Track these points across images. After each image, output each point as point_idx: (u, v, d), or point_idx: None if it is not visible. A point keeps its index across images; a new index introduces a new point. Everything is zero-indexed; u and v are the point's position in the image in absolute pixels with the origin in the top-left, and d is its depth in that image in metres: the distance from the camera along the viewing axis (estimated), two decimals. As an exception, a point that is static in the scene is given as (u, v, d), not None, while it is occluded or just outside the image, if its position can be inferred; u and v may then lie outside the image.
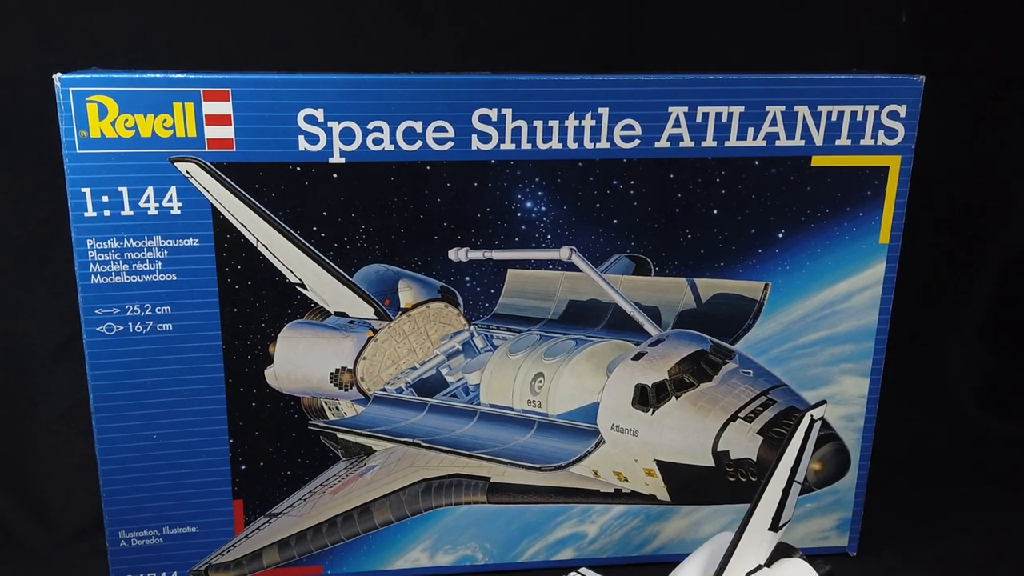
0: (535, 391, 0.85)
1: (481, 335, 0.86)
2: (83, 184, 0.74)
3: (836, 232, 0.83)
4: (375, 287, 0.82)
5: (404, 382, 0.85)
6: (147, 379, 0.79)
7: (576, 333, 0.86)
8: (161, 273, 0.77)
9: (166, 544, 0.84)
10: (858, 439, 0.89)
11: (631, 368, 0.84)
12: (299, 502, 0.85)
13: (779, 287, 0.84)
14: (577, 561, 0.88)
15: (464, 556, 0.88)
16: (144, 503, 0.82)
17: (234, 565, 0.85)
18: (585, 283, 0.84)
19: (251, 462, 0.83)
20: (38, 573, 0.88)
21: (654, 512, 0.89)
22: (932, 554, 0.92)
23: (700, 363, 0.84)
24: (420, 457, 0.87)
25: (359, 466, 0.86)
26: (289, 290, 0.80)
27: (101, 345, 0.78)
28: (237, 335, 0.80)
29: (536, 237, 0.81)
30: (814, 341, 0.86)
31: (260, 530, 0.85)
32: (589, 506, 0.88)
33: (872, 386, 0.87)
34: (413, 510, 0.87)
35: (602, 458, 0.86)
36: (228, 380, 0.81)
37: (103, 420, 0.80)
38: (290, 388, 0.83)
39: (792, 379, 0.86)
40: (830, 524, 0.92)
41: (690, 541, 0.87)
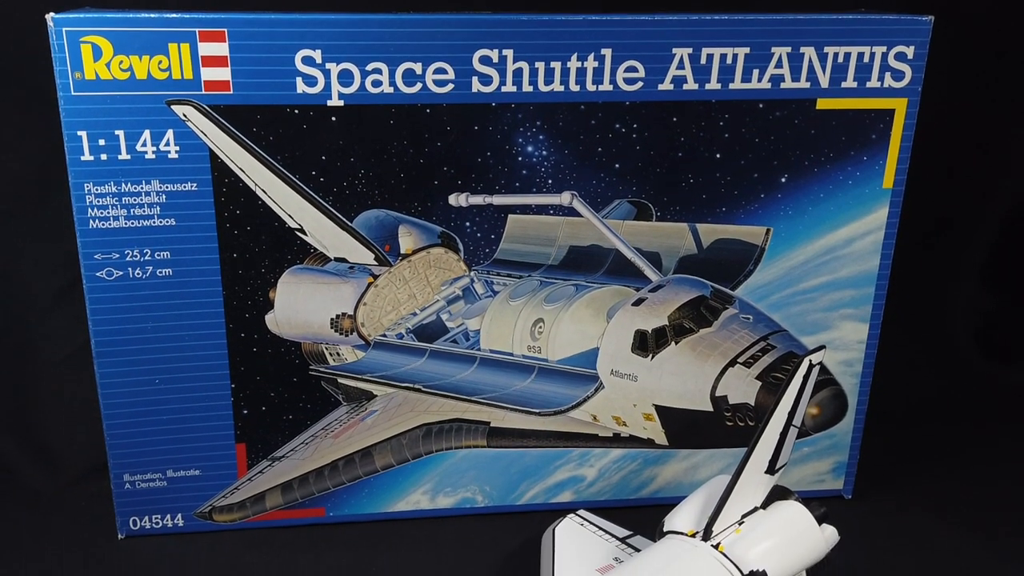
0: (535, 337, 0.85)
1: (481, 281, 0.86)
2: (79, 127, 0.73)
3: (839, 176, 0.83)
4: (375, 232, 0.82)
5: (404, 328, 0.86)
6: (148, 324, 0.79)
7: (576, 279, 0.86)
8: (160, 218, 0.77)
9: (170, 487, 0.85)
10: (856, 384, 0.90)
11: (631, 314, 0.84)
12: (301, 446, 0.86)
13: (780, 232, 0.84)
14: (575, 504, 0.89)
15: (464, 499, 0.90)
16: (147, 447, 0.83)
17: (237, 507, 0.87)
18: (586, 228, 0.84)
19: (253, 406, 0.84)
20: (45, 515, 0.89)
21: (652, 456, 0.90)
22: (927, 497, 0.93)
23: (700, 309, 0.84)
24: (420, 402, 0.87)
25: (360, 411, 0.87)
26: (289, 235, 0.80)
27: (101, 290, 0.78)
28: (237, 280, 0.80)
29: (537, 182, 0.81)
30: (814, 287, 0.86)
31: (263, 473, 0.86)
32: (588, 450, 0.89)
33: (871, 331, 0.88)
34: (414, 454, 0.88)
35: (601, 403, 0.87)
36: (229, 325, 0.81)
37: (105, 365, 0.80)
38: (291, 334, 0.83)
39: (792, 324, 0.87)
40: (826, 468, 0.93)
41: (687, 484, 0.89)
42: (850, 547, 0.73)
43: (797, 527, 0.69)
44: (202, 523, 0.86)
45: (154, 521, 0.86)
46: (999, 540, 0.86)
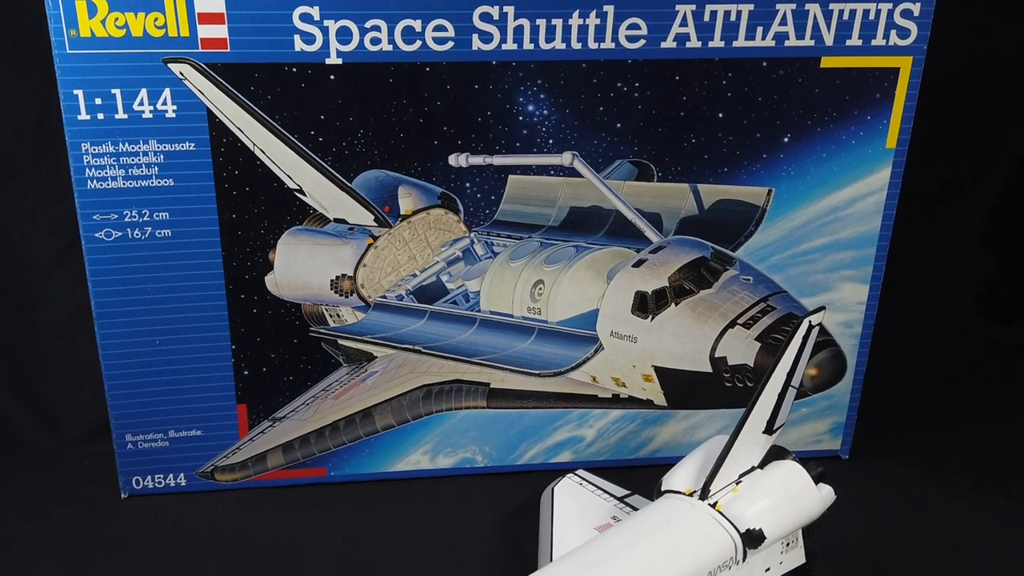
0: (535, 298, 0.86)
1: (481, 242, 0.85)
2: (75, 86, 0.72)
3: (843, 136, 0.82)
4: (374, 193, 0.82)
5: (404, 289, 0.86)
6: (147, 285, 0.79)
7: (577, 240, 0.86)
8: (158, 178, 0.76)
9: (172, 447, 0.85)
10: (855, 345, 0.90)
11: (631, 275, 0.84)
12: (302, 406, 0.87)
13: (782, 193, 0.84)
14: (574, 464, 0.90)
15: (464, 459, 0.90)
16: (149, 407, 0.83)
17: (239, 467, 0.87)
18: (586, 189, 0.83)
19: (254, 367, 0.84)
20: (48, 475, 0.90)
21: (651, 416, 0.90)
22: (924, 457, 0.94)
23: (700, 270, 0.84)
24: (421, 363, 0.87)
25: (360, 372, 0.87)
26: (288, 196, 0.79)
27: (100, 251, 0.78)
28: (236, 241, 0.80)
29: (537, 142, 0.80)
30: (815, 248, 0.86)
31: (264, 434, 0.87)
32: (587, 411, 0.90)
33: (872, 292, 0.88)
34: (414, 414, 0.88)
35: (600, 364, 0.87)
36: (229, 287, 0.81)
37: (105, 326, 0.80)
38: (291, 295, 0.83)
39: (792, 286, 0.87)
40: (824, 428, 0.93)
41: (685, 444, 0.89)
42: (846, 506, 0.74)
43: (794, 486, 0.70)
44: (204, 483, 0.87)
45: (156, 481, 0.87)
46: (996, 500, 0.87)
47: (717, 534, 0.65)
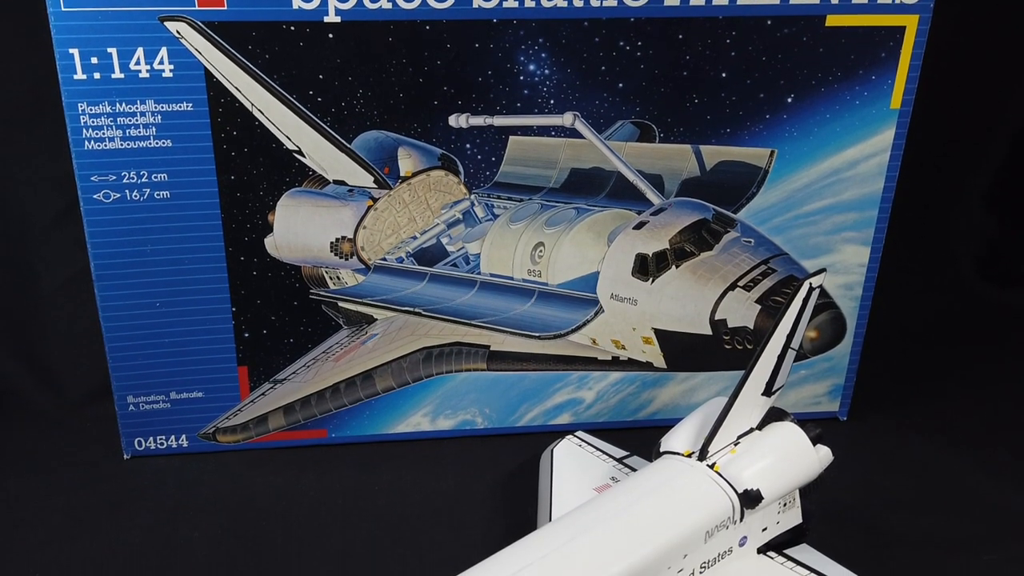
0: (535, 260, 0.85)
1: (482, 204, 0.85)
2: (70, 45, 0.72)
3: (847, 96, 0.81)
4: (374, 154, 0.81)
5: (404, 251, 0.85)
6: (147, 247, 0.79)
7: (577, 202, 0.85)
8: (156, 139, 0.76)
9: (174, 409, 0.86)
10: (855, 307, 0.90)
11: (632, 237, 0.84)
12: (303, 369, 0.87)
13: (785, 154, 0.83)
14: (574, 425, 0.90)
15: (464, 421, 0.91)
16: (150, 369, 0.84)
17: (241, 429, 0.88)
18: (588, 150, 0.83)
19: (254, 330, 0.84)
20: (51, 437, 0.91)
21: (650, 379, 0.91)
22: (923, 419, 0.95)
23: (701, 232, 0.84)
24: (421, 326, 0.88)
25: (361, 334, 0.87)
26: (287, 157, 0.79)
27: (99, 213, 0.77)
28: (235, 203, 0.79)
29: (539, 102, 0.80)
30: (817, 209, 0.85)
31: (265, 395, 0.87)
32: (586, 373, 0.90)
33: (873, 255, 0.88)
34: (414, 377, 0.89)
35: (600, 327, 0.87)
36: (228, 249, 0.81)
37: (105, 288, 0.80)
38: (290, 257, 0.83)
39: (793, 248, 0.86)
40: (822, 390, 0.94)
41: (684, 406, 0.90)
42: (844, 467, 0.74)
43: (792, 447, 0.70)
44: (206, 444, 0.88)
45: (159, 442, 0.87)
46: (994, 462, 0.87)
47: (715, 494, 0.66)
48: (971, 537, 0.77)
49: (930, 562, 0.73)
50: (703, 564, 0.65)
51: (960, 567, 0.73)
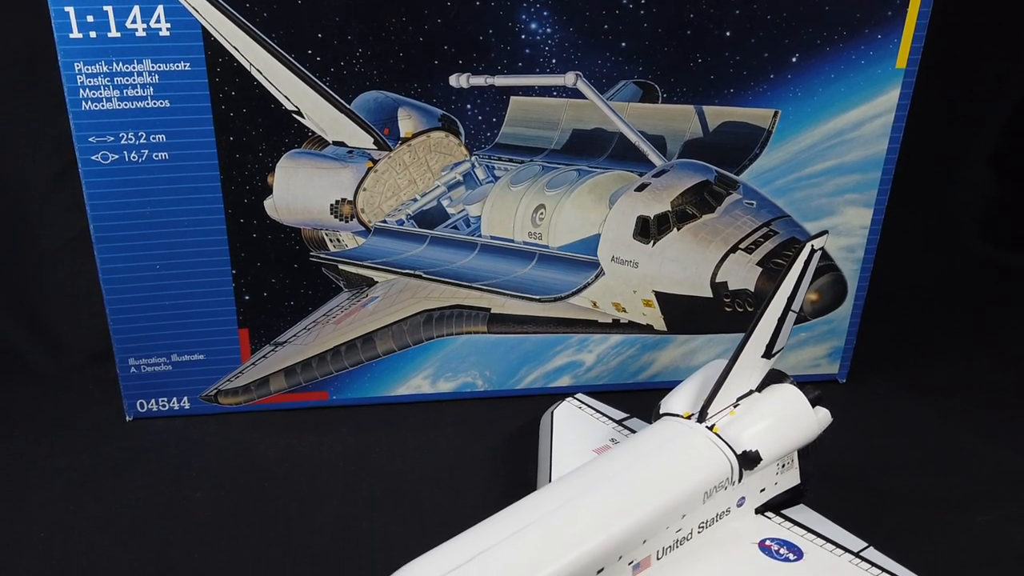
0: (536, 223, 0.85)
1: (482, 166, 0.84)
2: (66, 3, 0.71)
3: (852, 56, 0.80)
4: (374, 115, 0.80)
5: (405, 214, 0.85)
6: (146, 209, 0.79)
7: (579, 163, 0.85)
8: (153, 99, 0.75)
9: (175, 371, 0.86)
10: (856, 270, 0.90)
11: (633, 199, 0.84)
12: (303, 331, 0.87)
13: (788, 115, 0.83)
14: (574, 388, 0.91)
15: (464, 383, 0.91)
16: (151, 331, 0.84)
17: (242, 391, 0.88)
18: (590, 111, 0.82)
19: (254, 292, 0.84)
20: (53, 399, 0.91)
21: (650, 341, 0.91)
22: (922, 382, 0.95)
23: (703, 194, 0.84)
24: (421, 288, 0.87)
25: (361, 297, 0.87)
26: (286, 118, 0.78)
27: (97, 175, 0.77)
28: (234, 165, 0.79)
29: (540, 62, 0.79)
30: (820, 171, 0.85)
31: (266, 358, 0.87)
32: (587, 336, 0.90)
33: (875, 217, 0.87)
34: (415, 339, 0.89)
35: (601, 289, 0.87)
36: (227, 211, 0.80)
37: (105, 251, 0.80)
38: (290, 219, 0.83)
39: (795, 210, 0.86)
40: (822, 352, 0.94)
41: (684, 369, 0.90)
42: (843, 429, 0.75)
43: (791, 409, 0.70)
44: (208, 406, 0.88)
45: (161, 404, 0.87)
46: (992, 424, 0.88)
47: (713, 456, 0.66)
48: (968, 497, 0.77)
49: (927, 522, 0.74)
50: (701, 524, 0.66)
51: (956, 526, 0.74)
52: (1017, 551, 0.71)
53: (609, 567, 0.60)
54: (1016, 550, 0.71)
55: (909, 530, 0.73)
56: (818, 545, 0.66)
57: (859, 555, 0.65)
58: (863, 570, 0.64)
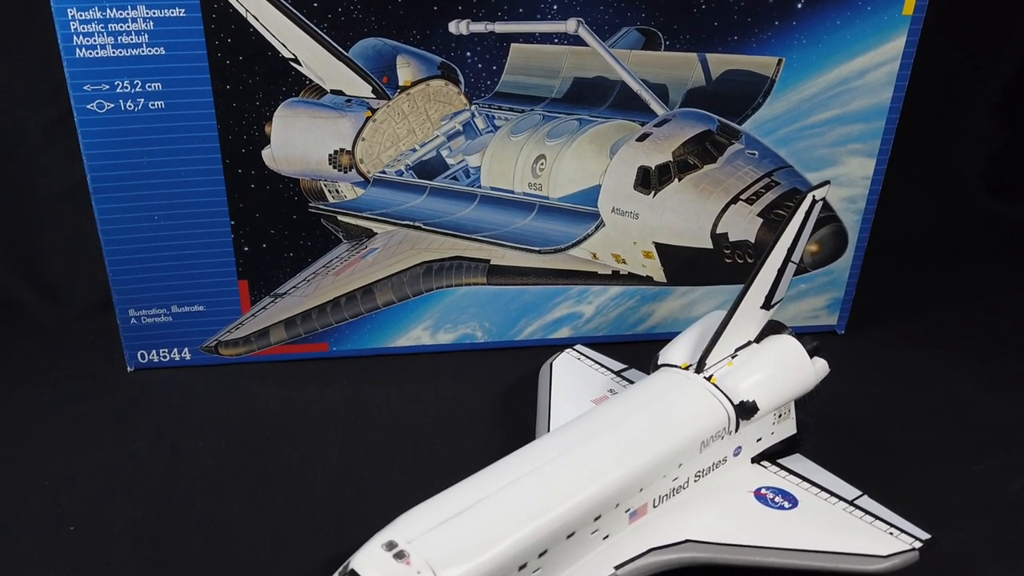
0: (536, 174, 0.84)
1: (482, 115, 0.83)
2: (56, -54, 0.70)
3: (858, 2, 0.79)
4: (372, 63, 0.79)
5: (404, 164, 0.84)
6: (143, 159, 0.78)
7: (580, 113, 0.84)
8: (148, 46, 0.74)
9: (175, 322, 0.86)
10: (858, 221, 0.89)
11: (635, 149, 0.83)
12: (303, 283, 0.87)
13: (793, 63, 0.81)
14: (573, 339, 0.91)
15: (464, 335, 0.91)
16: (151, 282, 0.84)
17: (243, 342, 0.88)
18: (591, 59, 0.81)
19: (253, 243, 0.84)
20: (54, 350, 0.91)
21: (649, 293, 0.91)
22: (921, 333, 0.95)
23: (705, 144, 0.83)
24: (421, 240, 0.87)
25: (360, 248, 0.87)
26: (283, 66, 0.77)
27: (93, 124, 0.76)
28: (231, 114, 0.78)
29: (541, 8, 0.77)
30: (823, 120, 0.84)
31: (266, 309, 0.87)
32: (586, 287, 0.90)
33: (878, 167, 0.87)
34: (414, 291, 0.89)
35: (601, 241, 0.87)
36: (225, 161, 0.80)
37: (102, 201, 0.79)
38: (288, 170, 0.82)
39: (797, 160, 0.85)
40: (821, 304, 0.94)
41: (683, 320, 0.90)
42: (840, 380, 0.75)
43: (789, 359, 0.71)
44: (209, 357, 0.88)
45: (162, 355, 0.88)
46: (991, 375, 0.88)
47: (711, 406, 0.67)
48: (963, 448, 0.78)
49: (921, 472, 0.75)
50: (698, 473, 0.66)
51: (950, 476, 0.75)
52: (1010, 500, 0.72)
53: (606, 515, 0.61)
54: (1011, 499, 0.72)
55: (904, 479, 0.74)
56: (813, 493, 0.67)
57: (853, 503, 0.66)
58: (856, 518, 0.64)
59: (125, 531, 0.69)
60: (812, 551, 0.61)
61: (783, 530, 0.63)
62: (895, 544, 0.62)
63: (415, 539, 0.54)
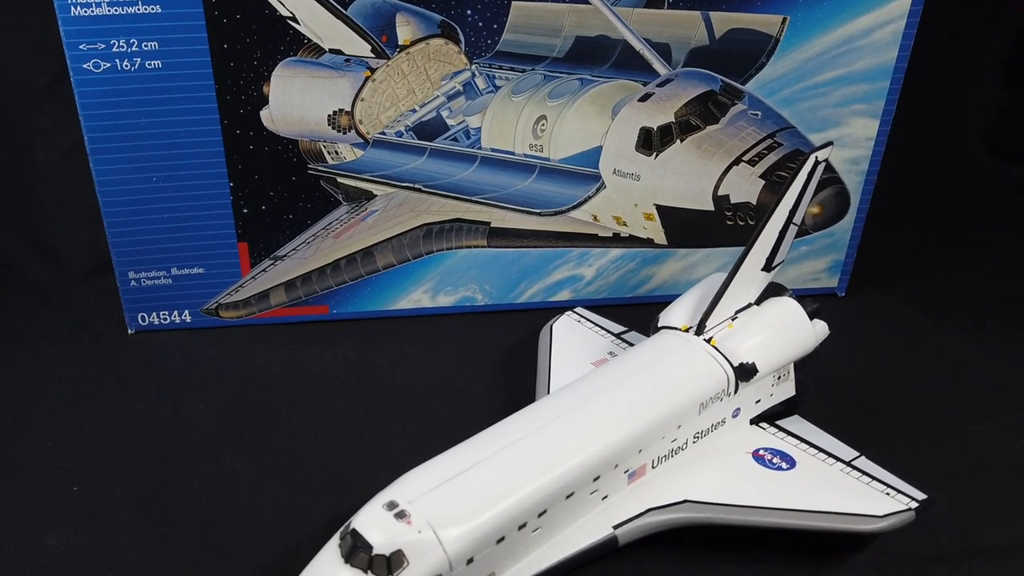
0: (537, 135, 0.84)
1: (483, 75, 0.82)
2: (47, -100, 0.68)
3: (864, -42, 0.78)
4: (371, 21, 0.78)
5: (404, 125, 0.84)
6: (140, 120, 0.77)
7: (582, 72, 0.83)
8: (144, 4, 0.73)
9: (175, 284, 0.86)
10: (860, 182, 0.89)
11: (637, 110, 0.82)
12: (303, 245, 0.87)
13: (797, 21, 0.80)
14: (573, 302, 0.91)
15: (464, 297, 0.91)
16: (150, 244, 0.84)
17: (243, 304, 0.88)
18: (593, 17, 0.80)
19: (253, 205, 0.83)
20: (54, 312, 0.91)
21: (650, 255, 0.90)
22: (921, 295, 0.95)
23: (708, 104, 0.82)
24: (421, 202, 0.87)
25: (360, 211, 0.87)
26: (280, 24, 0.76)
27: (90, 84, 0.75)
28: (229, 73, 0.77)
29: (541, -34, 0.76)
30: (827, 80, 0.83)
31: (266, 272, 0.87)
32: (587, 250, 0.90)
33: (881, 128, 0.86)
34: (414, 253, 0.89)
35: (602, 203, 0.86)
36: (223, 121, 0.79)
37: (100, 162, 0.79)
38: (287, 130, 0.81)
39: (800, 121, 0.85)
40: (822, 266, 0.94)
41: (683, 283, 0.90)
42: (840, 342, 0.75)
43: (788, 321, 0.71)
44: (209, 319, 0.88)
45: (162, 317, 0.88)
46: (991, 337, 0.88)
47: (710, 368, 0.67)
48: (962, 409, 0.78)
49: (920, 433, 0.75)
50: (696, 434, 0.67)
51: (949, 437, 0.75)
52: (1009, 462, 0.73)
53: (605, 475, 0.61)
54: (1008, 461, 0.73)
55: (902, 441, 0.74)
56: (811, 454, 0.67)
57: (851, 464, 0.66)
58: (854, 478, 0.65)
59: (127, 492, 0.69)
60: (809, 511, 0.62)
61: (780, 490, 0.64)
62: (892, 504, 0.62)
63: (416, 499, 0.55)
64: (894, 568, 0.63)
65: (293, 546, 0.64)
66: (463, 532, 0.54)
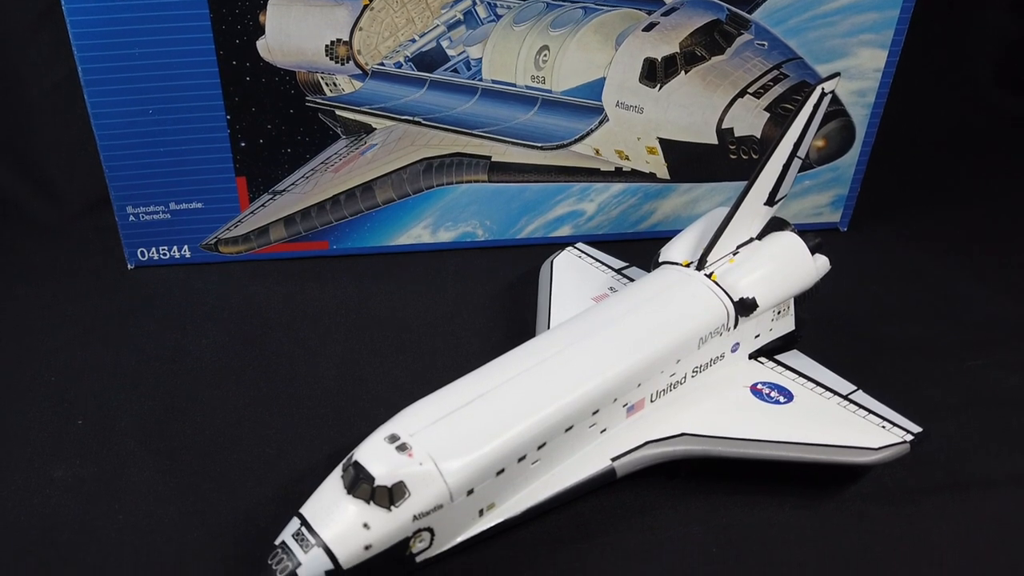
0: (539, 66, 0.82)
1: (484, 3, 0.80)
2: None
3: None
4: (367, -52, 0.76)
5: (403, 56, 0.82)
6: (135, 51, 0.76)
7: (585, 0, 0.81)
8: (134, -71, 0.71)
9: (174, 219, 0.85)
10: (866, 115, 0.87)
11: (641, 40, 0.80)
12: (302, 180, 0.86)
13: (806, -52, 0.78)
14: (574, 238, 0.91)
15: (465, 232, 0.91)
16: (148, 179, 0.83)
17: (242, 240, 0.88)
18: (595, -56, 0.78)
19: (250, 139, 0.82)
20: (53, 247, 0.91)
21: (652, 190, 0.90)
22: (924, 230, 0.95)
23: (714, 34, 0.80)
24: (421, 136, 0.86)
25: (359, 144, 0.86)
26: (274, -49, 0.74)
27: (82, 13, 0.74)
28: (224, 2, 0.75)
29: None
30: (836, 9, 0.81)
31: (265, 207, 0.87)
32: (588, 185, 0.89)
33: (890, 59, 0.84)
34: (414, 188, 0.88)
35: (604, 136, 0.85)
36: (219, 52, 0.77)
37: (95, 95, 0.78)
38: (284, 61, 0.80)
39: (808, 51, 0.83)
40: (825, 200, 0.93)
41: (685, 218, 0.89)
42: (841, 277, 0.75)
43: (790, 256, 0.70)
44: (209, 255, 0.88)
45: (161, 252, 0.88)
46: (991, 272, 0.88)
47: (710, 303, 0.67)
48: (959, 344, 0.79)
49: (918, 367, 0.76)
50: (695, 369, 0.67)
51: (946, 371, 0.75)
52: (1003, 395, 0.73)
53: (604, 409, 0.62)
54: (1002, 394, 0.73)
55: (900, 375, 0.74)
56: (808, 388, 0.68)
57: (848, 398, 0.67)
58: (850, 412, 0.65)
59: (132, 424, 0.70)
60: (806, 443, 0.62)
61: (778, 423, 0.64)
62: (887, 437, 0.63)
63: (417, 432, 0.56)
64: (887, 499, 0.64)
65: (296, 477, 0.65)
66: (463, 464, 0.55)
